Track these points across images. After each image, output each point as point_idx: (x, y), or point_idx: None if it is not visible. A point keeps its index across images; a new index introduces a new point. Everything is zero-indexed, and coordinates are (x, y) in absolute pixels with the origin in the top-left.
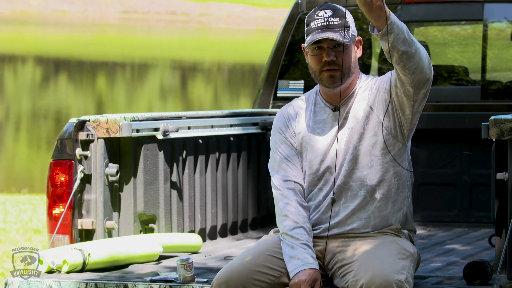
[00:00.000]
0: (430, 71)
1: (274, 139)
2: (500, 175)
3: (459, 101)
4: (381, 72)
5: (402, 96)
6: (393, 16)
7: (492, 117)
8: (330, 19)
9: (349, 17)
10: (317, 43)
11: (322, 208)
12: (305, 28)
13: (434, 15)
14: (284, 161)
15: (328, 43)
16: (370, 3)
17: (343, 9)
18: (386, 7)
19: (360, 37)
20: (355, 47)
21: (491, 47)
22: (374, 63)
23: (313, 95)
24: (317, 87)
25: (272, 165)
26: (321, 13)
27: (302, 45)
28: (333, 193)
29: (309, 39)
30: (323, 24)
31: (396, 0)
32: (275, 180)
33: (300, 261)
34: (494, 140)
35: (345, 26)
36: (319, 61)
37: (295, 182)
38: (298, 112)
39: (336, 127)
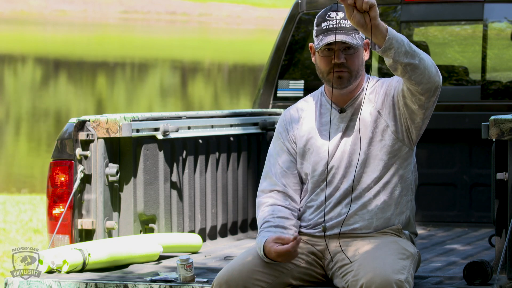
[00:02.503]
0: (438, 78)
1: (275, 145)
2: (500, 175)
3: (459, 101)
4: (381, 72)
5: (412, 105)
6: (390, 32)
7: (492, 117)
8: (342, 21)
9: None
10: (328, 44)
11: (327, 210)
12: (315, 28)
13: (434, 15)
14: (281, 173)
15: (339, 46)
16: (364, 24)
17: None
18: (382, 24)
19: (367, 40)
20: (363, 50)
21: (491, 47)
22: (374, 63)
23: (318, 96)
24: (321, 88)
25: (267, 170)
26: (333, 14)
27: (310, 44)
28: (324, 220)
29: (321, 40)
30: (335, 26)
31: (396, 0)
32: (264, 186)
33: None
34: (494, 140)
35: (355, 29)
36: (328, 63)
37: (285, 192)
38: (301, 114)
39: (341, 129)
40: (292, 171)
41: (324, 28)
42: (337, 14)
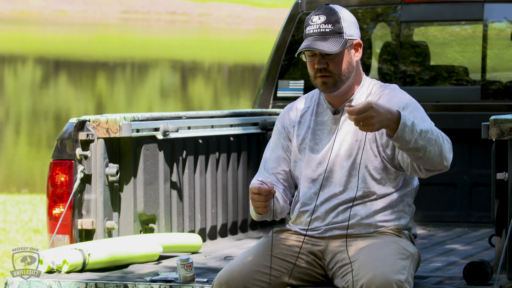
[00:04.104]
0: (442, 166)
1: (271, 142)
2: (500, 175)
3: (459, 101)
4: (381, 72)
5: (408, 169)
6: (398, 132)
7: (492, 117)
8: (322, 26)
9: (346, 21)
10: (308, 50)
11: (322, 215)
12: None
13: (434, 15)
14: (274, 168)
15: (319, 51)
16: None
17: (340, 14)
18: (391, 121)
19: (359, 40)
20: (353, 50)
21: (491, 47)
22: (374, 63)
23: (316, 94)
24: None
25: (261, 165)
26: (315, 18)
27: None
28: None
29: (300, 46)
30: (314, 31)
31: (396, 0)
32: (257, 178)
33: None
34: (494, 140)
35: (338, 32)
36: (313, 67)
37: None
38: (299, 112)
39: (335, 131)
40: (284, 168)
41: (306, 33)
42: (319, 18)
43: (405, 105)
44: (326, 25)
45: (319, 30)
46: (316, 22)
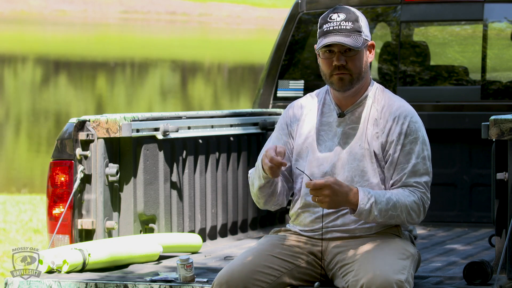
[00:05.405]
0: (409, 223)
1: (272, 137)
2: (500, 175)
3: (459, 101)
4: (381, 72)
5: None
6: (358, 213)
7: (492, 117)
8: (343, 23)
9: (363, 21)
10: (328, 46)
11: (323, 211)
12: (318, 30)
13: (434, 15)
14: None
15: (338, 48)
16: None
17: (357, 13)
18: (348, 200)
19: (373, 42)
20: (367, 51)
21: (491, 47)
22: (374, 63)
23: (323, 93)
24: (327, 86)
25: (258, 159)
26: (335, 16)
27: (315, 45)
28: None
29: (320, 42)
30: (335, 27)
31: (396, 0)
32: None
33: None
34: (494, 140)
35: (357, 30)
36: (330, 65)
37: None
38: (304, 111)
39: (338, 134)
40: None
41: (324, 30)
42: (338, 16)
43: (408, 128)
44: (347, 22)
45: (340, 27)
46: (336, 19)
